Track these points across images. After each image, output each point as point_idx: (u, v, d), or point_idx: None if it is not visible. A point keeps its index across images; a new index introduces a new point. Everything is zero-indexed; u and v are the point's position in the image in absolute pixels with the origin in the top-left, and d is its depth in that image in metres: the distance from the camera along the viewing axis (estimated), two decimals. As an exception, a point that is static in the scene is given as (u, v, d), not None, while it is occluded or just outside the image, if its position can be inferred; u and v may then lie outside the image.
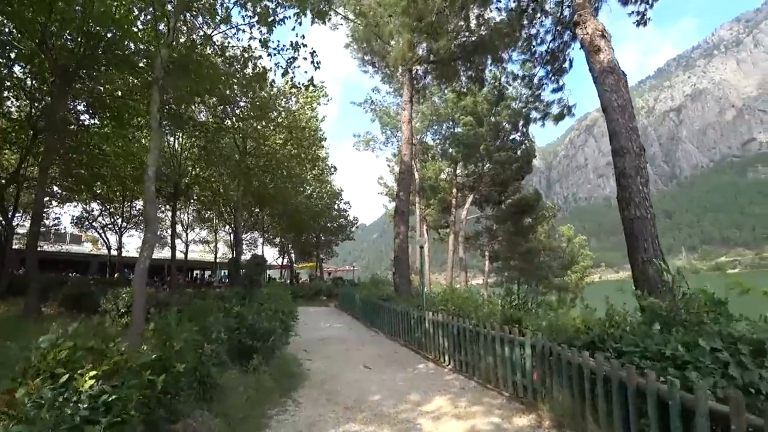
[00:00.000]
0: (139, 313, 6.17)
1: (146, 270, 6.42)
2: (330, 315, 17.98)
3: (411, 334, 9.62)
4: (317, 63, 9.27)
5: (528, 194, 31.46)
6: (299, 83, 10.07)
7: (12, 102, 17.15)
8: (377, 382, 6.84)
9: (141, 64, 13.53)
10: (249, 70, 13.93)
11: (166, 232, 28.75)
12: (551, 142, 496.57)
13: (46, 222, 33.17)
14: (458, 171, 33.25)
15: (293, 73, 10.03)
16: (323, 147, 24.00)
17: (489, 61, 17.98)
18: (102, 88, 15.08)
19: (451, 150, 31.83)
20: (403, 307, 10.35)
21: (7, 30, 12.68)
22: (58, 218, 33.98)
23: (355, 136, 36.64)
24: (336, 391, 6.30)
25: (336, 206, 36.25)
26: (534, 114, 12.94)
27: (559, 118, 12.27)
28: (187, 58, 12.01)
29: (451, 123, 32.68)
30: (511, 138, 29.09)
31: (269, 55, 10.12)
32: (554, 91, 12.86)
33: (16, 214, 25.36)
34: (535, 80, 13.19)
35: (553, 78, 12.81)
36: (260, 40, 9.49)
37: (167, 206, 24.76)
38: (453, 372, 7.45)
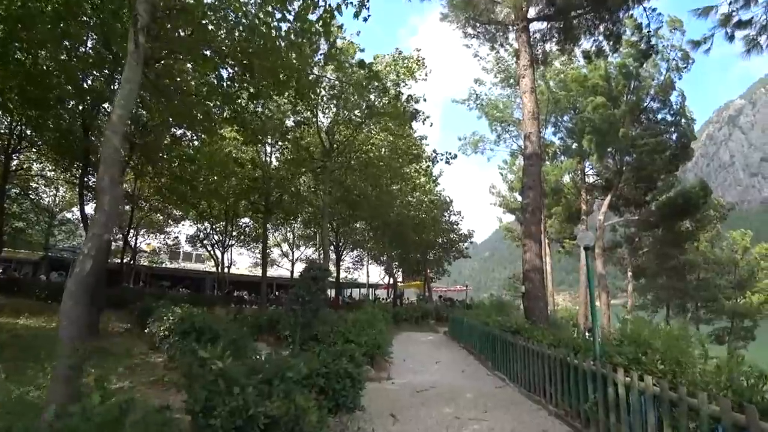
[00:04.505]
0: (64, 354, 3.33)
1: (86, 279, 3.58)
2: (438, 347, 14.04)
3: (572, 397, 5.54)
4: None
5: (690, 188, 24.28)
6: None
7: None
8: None
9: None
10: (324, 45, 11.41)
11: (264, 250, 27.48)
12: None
13: (168, 242, 35.67)
14: (587, 169, 27.46)
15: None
16: (425, 147, 20.14)
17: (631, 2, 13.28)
18: (172, 87, 13.77)
19: (576, 144, 26.30)
20: (556, 349, 6.28)
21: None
22: (177, 237, 36.07)
23: (460, 140, 32.96)
24: None
25: (447, 219, 32.09)
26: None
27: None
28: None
29: (573, 112, 27.27)
30: (660, 118, 22.74)
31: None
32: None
33: (133, 232, 26.75)
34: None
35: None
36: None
37: (259, 221, 23.55)
38: None
